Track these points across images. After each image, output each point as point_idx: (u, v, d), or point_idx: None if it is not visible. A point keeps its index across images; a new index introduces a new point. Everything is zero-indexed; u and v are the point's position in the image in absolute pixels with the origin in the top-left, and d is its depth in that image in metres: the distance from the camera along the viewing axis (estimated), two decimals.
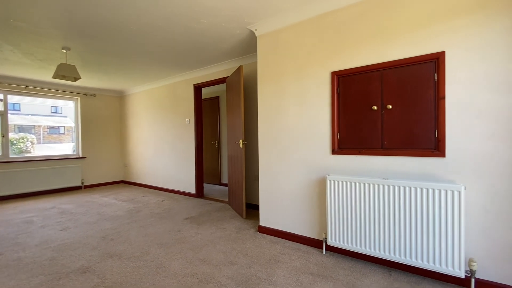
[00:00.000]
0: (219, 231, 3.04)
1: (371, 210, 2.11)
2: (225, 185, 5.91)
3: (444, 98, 1.90)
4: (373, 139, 2.22)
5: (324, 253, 2.43)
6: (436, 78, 1.94)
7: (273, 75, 2.83)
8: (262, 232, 2.95)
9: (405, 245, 1.97)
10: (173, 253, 2.49)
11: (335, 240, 2.30)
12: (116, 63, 4.12)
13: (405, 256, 1.97)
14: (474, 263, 1.77)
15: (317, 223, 2.55)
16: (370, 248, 2.12)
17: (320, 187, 2.52)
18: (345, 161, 2.36)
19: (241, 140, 3.39)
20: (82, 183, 5.89)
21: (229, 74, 4.18)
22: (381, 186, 2.07)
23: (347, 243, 2.24)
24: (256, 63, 3.84)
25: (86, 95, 5.94)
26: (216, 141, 6.12)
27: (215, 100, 6.14)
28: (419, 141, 2.02)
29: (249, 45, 3.48)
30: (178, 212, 3.89)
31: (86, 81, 5.24)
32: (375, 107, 2.20)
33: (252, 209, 3.93)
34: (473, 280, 1.78)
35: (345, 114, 2.37)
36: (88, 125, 6.01)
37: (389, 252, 2.03)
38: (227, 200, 4.56)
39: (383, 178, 2.10)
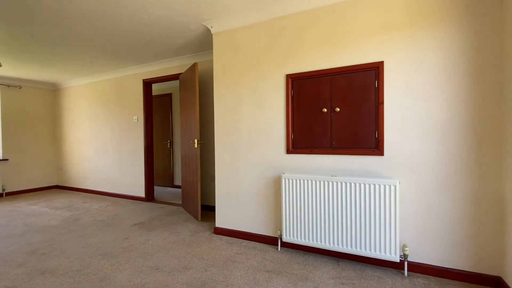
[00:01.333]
0: (172, 236, 2.89)
1: (322, 205, 2.25)
2: (179, 187, 5.66)
3: (382, 103, 2.13)
4: (323, 140, 2.37)
5: (279, 249, 2.51)
6: (376, 85, 2.16)
7: (229, 75, 2.81)
8: (218, 234, 2.90)
9: (351, 236, 2.15)
10: (119, 263, 2.28)
11: (290, 236, 2.39)
12: (49, 51, 3.59)
13: (351, 246, 2.15)
14: (406, 248, 2.02)
15: (273, 221, 2.61)
16: (321, 241, 2.26)
17: (276, 186, 2.59)
18: (299, 160, 2.47)
19: (196, 140, 3.28)
20: (3, 189, 5.00)
21: (182, 71, 4.01)
22: (330, 183, 2.22)
23: (301, 238, 2.35)
24: (212, 61, 3.77)
25: (8, 86, 5.05)
26: (169, 141, 5.82)
27: (167, 97, 5.83)
28: (362, 141, 2.22)
29: (204, 42, 3.39)
30: (125, 218, 3.58)
31: (9, 69, 4.45)
32: (325, 110, 2.35)
33: (208, 211, 3.84)
34: (406, 263, 2.03)
35: (299, 115, 2.48)
36: (11, 121, 5.12)
37: (338, 244, 2.20)
38: (180, 202, 4.37)
39: (332, 176, 2.26)
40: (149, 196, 4.55)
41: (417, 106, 2.04)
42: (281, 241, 2.52)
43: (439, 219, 1.99)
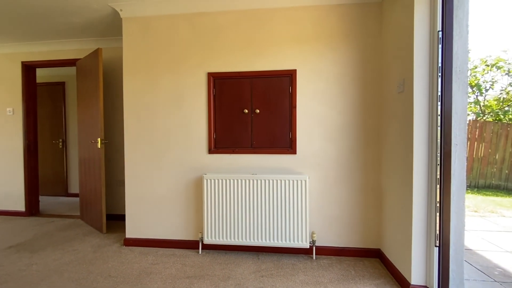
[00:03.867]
0: (67, 255, 2.38)
1: (243, 203, 2.31)
2: (76, 195, 4.71)
3: (295, 107, 2.37)
4: (245, 139, 2.44)
5: (200, 252, 2.43)
6: (290, 90, 2.38)
7: (144, 67, 2.53)
8: (129, 245, 2.57)
9: (270, 230, 2.29)
10: None
11: (211, 237, 2.35)
12: None
13: (270, 239, 2.29)
14: (314, 235, 2.31)
15: (194, 224, 2.51)
16: (242, 238, 2.32)
17: (197, 187, 2.49)
18: (221, 160, 2.46)
19: (99, 139, 2.81)
20: None
21: (81, 56, 3.36)
22: (250, 181, 2.31)
23: (223, 238, 2.34)
24: (121, 48, 3.30)
25: None
26: (61, 140, 4.78)
27: (59, 86, 4.78)
28: (279, 141, 2.41)
29: (111, 26, 2.94)
30: None
31: None
32: (246, 111, 2.42)
33: (115, 221, 3.34)
34: (314, 248, 2.32)
35: (221, 115, 2.46)
36: None
37: (258, 239, 2.30)
38: (78, 214, 3.65)
39: (252, 174, 2.35)
40: (32, 209, 3.62)
41: (322, 111, 2.35)
42: (202, 243, 2.45)
43: (338, 207, 2.36)
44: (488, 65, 7.63)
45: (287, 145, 2.40)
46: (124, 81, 2.56)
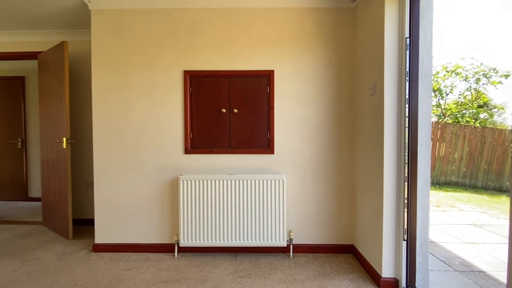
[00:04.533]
0: (28, 265, 2.19)
1: (221, 204, 2.28)
2: (37, 199, 4.34)
3: (273, 107, 2.39)
4: (223, 139, 2.41)
5: (176, 256, 2.36)
6: (268, 90, 2.39)
7: (115, 63, 2.40)
8: (99, 251, 2.42)
9: (248, 230, 2.28)
10: None
11: (188, 239, 2.29)
12: None
13: (248, 239, 2.28)
14: (292, 233, 2.35)
15: (169, 227, 2.43)
16: (220, 239, 2.29)
17: (173, 189, 2.42)
18: (198, 160, 2.41)
19: (65, 139, 2.62)
20: None
21: (44, 49, 3.11)
22: (228, 181, 2.29)
23: (200, 240, 2.29)
24: (89, 42, 3.10)
25: None
26: (20, 140, 4.39)
27: (18, 81, 4.38)
28: (257, 141, 2.41)
29: (79, 18, 2.75)
30: None
31: None
32: (224, 110, 2.40)
33: (83, 226, 3.13)
34: (291, 246, 2.36)
35: (198, 114, 2.41)
36: None
37: (236, 239, 2.29)
38: (41, 220, 3.37)
39: (230, 174, 2.33)
40: None
41: (299, 112, 2.40)
42: (178, 246, 2.38)
43: (314, 205, 2.42)
44: (448, 71, 8.29)
45: (265, 145, 2.41)
46: (93, 77, 2.41)
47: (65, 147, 2.64)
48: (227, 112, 2.40)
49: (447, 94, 8.47)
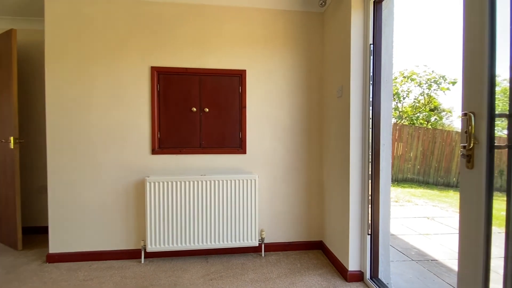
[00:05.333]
0: None
1: (191, 206, 2.22)
2: None
3: (245, 107, 2.38)
4: (193, 139, 2.35)
5: (143, 262, 2.24)
6: (240, 90, 2.38)
7: (73, 56, 2.21)
8: (54, 262, 2.21)
9: (219, 231, 2.25)
10: None
11: (156, 244, 2.19)
12: None
13: (219, 241, 2.25)
14: (263, 232, 2.36)
15: (135, 231, 2.30)
16: (190, 242, 2.22)
17: (139, 191, 2.29)
18: (166, 160, 2.31)
19: (12, 138, 2.35)
20: None
21: None
22: (199, 182, 2.23)
23: (169, 244, 2.20)
24: (42, 31, 2.81)
25: None
26: None
27: None
28: (229, 141, 2.39)
29: (30, 4, 2.48)
30: None
31: None
32: (195, 109, 2.33)
33: (35, 234, 2.82)
34: (263, 246, 2.37)
35: (167, 113, 2.32)
36: None
37: (207, 241, 2.24)
38: None
39: (201, 175, 2.28)
40: None
41: (271, 112, 2.42)
42: (145, 252, 2.26)
43: (285, 204, 2.46)
44: (405, 77, 9.03)
45: (237, 145, 2.40)
46: (47, 70, 2.19)
47: (12, 147, 2.36)
48: (197, 111, 2.34)
49: (404, 98, 9.22)
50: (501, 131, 1.06)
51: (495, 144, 0.99)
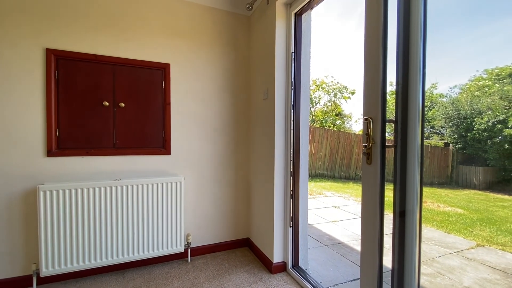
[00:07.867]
0: None
1: (102, 216, 1.91)
2: None
3: (169, 104, 2.22)
4: (105, 138, 2.03)
5: None
6: (163, 85, 2.20)
7: None
8: None
9: (138, 242, 2.01)
10: None
11: (53, 266, 1.79)
12: None
13: (139, 252, 2.01)
14: (190, 237, 2.25)
15: (22, 254, 1.82)
16: (102, 258, 1.91)
17: (28, 203, 1.82)
18: (68, 164, 1.92)
19: None
20: None
21: None
22: (113, 188, 1.94)
23: (72, 263, 1.83)
24: None
25: None
26: None
27: None
28: (150, 140, 2.17)
29: None
30: None
31: None
32: (107, 103, 2.02)
33: None
34: (189, 250, 2.26)
35: (69, 106, 1.92)
36: None
37: (123, 254, 1.97)
38: None
39: (115, 179, 1.99)
40: None
41: (198, 110, 2.33)
42: (38, 277, 1.82)
43: (212, 205, 2.42)
44: (317, 85, 10.30)
45: (160, 145, 2.21)
46: None
47: None
48: (110, 106, 2.04)
49: (316, 104, 10.52)
50: (389, 133, 1.32)
51: (386, 144, 1.23)
